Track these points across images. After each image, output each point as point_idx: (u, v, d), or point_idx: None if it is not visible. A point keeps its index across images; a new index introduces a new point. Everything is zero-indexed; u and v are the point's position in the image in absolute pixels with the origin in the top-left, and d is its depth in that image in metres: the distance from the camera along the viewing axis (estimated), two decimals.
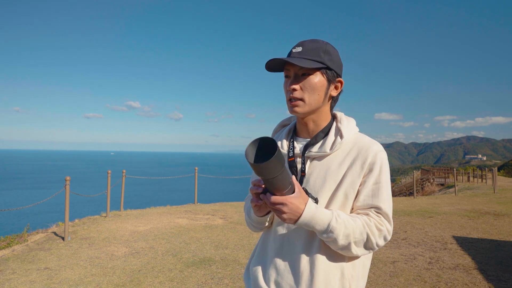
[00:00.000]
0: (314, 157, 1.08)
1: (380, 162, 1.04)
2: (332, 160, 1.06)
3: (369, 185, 1.03)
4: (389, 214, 1.03)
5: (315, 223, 0.95)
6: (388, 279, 3.80)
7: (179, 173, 48.41)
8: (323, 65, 1.03)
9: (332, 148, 1.06)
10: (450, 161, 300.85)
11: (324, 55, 1.04)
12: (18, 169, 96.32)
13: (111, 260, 4.49)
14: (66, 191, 5.55)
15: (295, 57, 1.03)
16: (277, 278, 1.05)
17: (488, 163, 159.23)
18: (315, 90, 1.04)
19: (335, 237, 0.96)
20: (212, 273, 4.00)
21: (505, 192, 13.39)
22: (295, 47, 1.05)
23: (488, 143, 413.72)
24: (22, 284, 3.72)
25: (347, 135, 1.07)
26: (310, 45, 1.04)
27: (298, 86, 1.03)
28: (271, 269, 1.07)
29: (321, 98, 1.06)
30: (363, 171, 1.03)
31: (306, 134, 1.12)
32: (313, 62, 1.01)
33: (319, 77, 1.04)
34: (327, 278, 1.00)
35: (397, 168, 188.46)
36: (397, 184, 26.26)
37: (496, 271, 4.04)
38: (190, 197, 10.46)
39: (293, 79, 1.04)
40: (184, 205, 9.65)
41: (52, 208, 25.72)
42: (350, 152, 1.06)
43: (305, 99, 1.04)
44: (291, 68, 1.05)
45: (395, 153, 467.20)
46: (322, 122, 1.10)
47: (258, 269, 1.11)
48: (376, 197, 1.02)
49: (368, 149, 1.05)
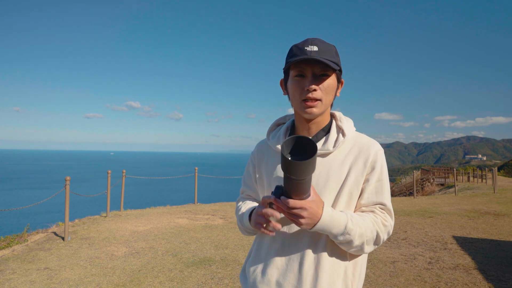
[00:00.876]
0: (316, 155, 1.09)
1: (381, 161, 1.06)
2: (334, 158, 1.06)
3: (372, 183, 1.04)
4: (391, 210, 1.06)
5: (332, 226, 0.94)
6: (388, 279, 3.80)
7: (179, 173, 48.38)
8: (338, 67, 1.04)
9: (335, 146, 1.06)
10: (450, 161, 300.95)
11: (336, 56, 1.05)
12: (18, 169, 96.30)
13: (111, 260, 4.49)
14: (66, 191, 5.55)
15: (320, 57, 0.99)
16: (278, 278, 1.03)
17: (488, 163, 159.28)
18: (331, 91, 1.05)
19: (351, 239, 0.95)
20: (212, 273, 4.00)
21: (505, 192, 13.38)
22: (308, 46, 1.01)
23: (488, 143, 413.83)
24: (22, 284, 3.72)
25: (349, 133, 1.08)
26: (323, 45, 1.03)
27: (318, 86, 1.02)
28: (271, 269, 1.05)
29: (332, 99, 1.08)
30: (366, 169, 1.05)
31: (305, 133, 1.11)
32: (334, 63, 1.02)
33: (333, 78, 1.05)
34: (332, 278, 1.00)
35: (397, 168, 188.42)
36: (397, 184, 26.24)
37: (496, 271, 4.03)
38: (190, 197, 10.46)
39: (312, 79, 1.01)
40: (184, 205, 9.65)
41: (52, 208, 25.71)
42: (351, 151, 1.07)
43: (323, 100, 1.03)
44: (308, 67, 1.01)
45: (395, 153, 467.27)
46: (323, 121, 1.11)
47: (256, 269, 1.09)
48: (380, 194, 1.04)
49: (369, 147, 1.06)
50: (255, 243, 1.16)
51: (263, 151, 1.20)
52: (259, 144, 1.24)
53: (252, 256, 1.14)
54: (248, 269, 1.13)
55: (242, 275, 1.17)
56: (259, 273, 1.08)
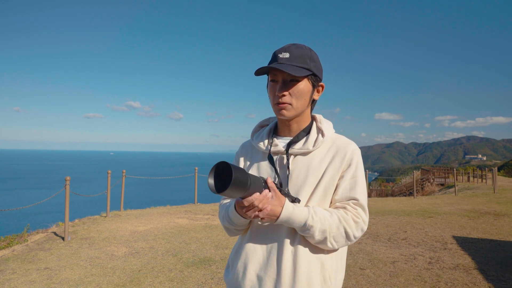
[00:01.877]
0: (297, 153, 1.15)
1: (356, 159, 1.13)
2: (313, 157, 1.14)
3: (347, 179, 1.11)
4: (365, 205, 1.11)
5: (292, 222, 1.03)
6: (388, 279, 3.80)
7: (179, 173, 48.35)
8: (310, 72, 1.10)
9: (315, 145, 1.14)
10: (450, 161, 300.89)
11: (310, 62, 1.11)
12: (18, 169, 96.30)
13: (111, 260, 4.49)
14: (66, 191, 5.56)
15: (284, 64, 1.08)
16: (259, 273, 1.08)
17: (488, 163, 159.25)
18: (302, 96, 1.11)
19: (311, 233, 1.03)
20: (212, 273, 4.00)
21: (505, 192, 13.38)
22: (282, 53, 1.09)
23: (488, 143, 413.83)
24: (22, 284, 3.72)
25: (328, 134, 1.16)
26: (296, 51, 1.10)
27: (287, 92, 1.09)
28: (252, 264, 1.10)
29: (306, 102, 1.14)
30: (342, 167, 1.12)
31: (287, 133, 1.20)
32: (302, 69, 1.08)
33: (305, 83, 1.11)
34: (309, 270, 1.05)
35: (397, 168, 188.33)
36: (397, 184, 26.24)
37: (496, 271, 4.03)
38: (190, 197, 10.46)
39: (282, 85, 1.10)
40: (184, 205, 9.65)
41: (52, 208, 25.72)
42: (329, 150, 1.15)
43: (293, 103, 1.11)
44: (279, 73, 1.10)
45: (395, 153, 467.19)
46: (304, 123, 1.19)
47: (238, 265, 1.13)
48: (354, 190, 1.10)
49: (346, 147, 1.14)
50: (238, 239, 1.22)
51: (247, 151, 1.28)
52: (243, 144, 1.32)
53: (234, 252, 1.19)
54: (231, 265, 1.18)
55: (226, 272, 1.21)
56: (241, 269, 1.12)
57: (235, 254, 1.17)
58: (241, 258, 1.13)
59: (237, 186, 0.86)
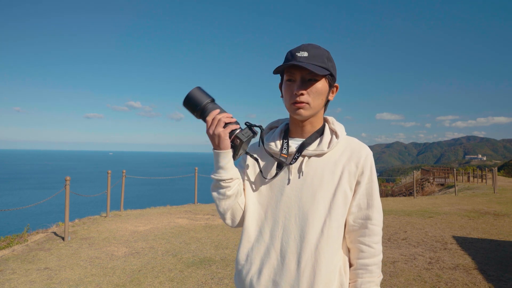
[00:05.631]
0: (311, 155, 1.12)
1: (370, 163, 1.12)
2: (328, 159, 1.11)
3: (363, 185, 1.10)
4: (380, 220, 1.11)
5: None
6: (388, 279, 3.80)
7: (179, 173, 48.36)
8: (328, 72, 1.07)
9: (330, 147, 1.11)
10: (450, 161, 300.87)
11: (327, 61, 1.09)
12: (19, 169, 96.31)
13: (111, 260, 4.49)
14: (66, 191, 5.55)
15: (305, 63, 1.04)
16: (275, 278, 1.03)
17: (488, 163, 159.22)
18: (320, 95, 1.09)
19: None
20: (212, 273, 4.00)
21: (505, 192, 13.39)
22: (299, 51, 1.06)
23: (488, 143, 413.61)
24: (22, 284, 3.72)
25: (342, 135, 1.14)
26: (314, 51, 1.07)
27: (305, 91, 1.07)
28: (266, 268, 1.05)
29: (323, 102, 1.12)
30: (357, 171, 1.10)
31: (300, 135, 1.16)
32: (321, 68, 1.06)
33: (323, 82, 1.09)
34: (329, 275, 1.02)
35: (397, 168, 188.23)
36: (397, 184, 26.24)
37: (496, 271, 4.03)
38: (190, 197, 10.46)
39: (301, 84, 1.07)
40: (184, 205, 9.66)
41: (52, 208, 25.73)
42: (344, 152, 1.12)
43: (311, 103, 1.08)
44: (297, 72, 1.07)
45: (395, 153, 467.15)
46: (318, 124, 1.16)
47: (252, 269, 1.08)
48: (370, 205, 1.09)
49: (360, 150, 1.12)
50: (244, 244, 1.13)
51: (255, 152, 1.21)
52: (250, 146, 1.27)
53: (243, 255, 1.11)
54: (241, 271, 1.11)
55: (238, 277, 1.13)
56: (254, 274, 1.07)
57: (246, 257, 1.11)
58: (254, 262, 1.08)
59: (196, 95, 1.07)
